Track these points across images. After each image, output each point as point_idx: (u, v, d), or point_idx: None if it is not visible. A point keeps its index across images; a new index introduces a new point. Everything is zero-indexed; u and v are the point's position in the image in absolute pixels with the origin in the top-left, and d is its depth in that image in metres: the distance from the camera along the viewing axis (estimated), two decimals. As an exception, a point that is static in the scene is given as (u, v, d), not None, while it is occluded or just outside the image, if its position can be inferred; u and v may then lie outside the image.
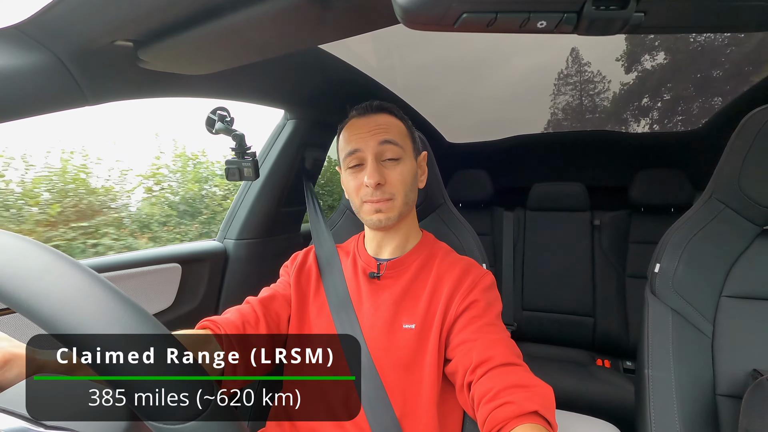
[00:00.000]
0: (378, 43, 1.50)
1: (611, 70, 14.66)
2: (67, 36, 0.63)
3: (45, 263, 0.32)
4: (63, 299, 0.30)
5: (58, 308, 0.30)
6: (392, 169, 0.75)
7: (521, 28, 0.35)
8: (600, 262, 1.99)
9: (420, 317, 0.72)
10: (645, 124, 12.60)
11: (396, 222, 0.76)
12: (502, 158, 2.57)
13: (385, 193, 0.74)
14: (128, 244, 1.77)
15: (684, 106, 11.65)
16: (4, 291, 0.30)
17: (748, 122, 0.81)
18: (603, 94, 16.32)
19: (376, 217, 0.75)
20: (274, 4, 0.55)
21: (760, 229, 0.82)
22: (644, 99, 12.95)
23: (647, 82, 12.64)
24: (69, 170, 1.66)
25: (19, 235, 0.34)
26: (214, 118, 0.94)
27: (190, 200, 2.13)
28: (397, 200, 0.75)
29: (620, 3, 0.32)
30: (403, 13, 0.35)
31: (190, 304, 1.21)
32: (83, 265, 0.33)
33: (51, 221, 1.51)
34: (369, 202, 0.75)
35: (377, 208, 0.74)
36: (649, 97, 12.81)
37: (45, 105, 0.69)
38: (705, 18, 0.35)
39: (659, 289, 0.86)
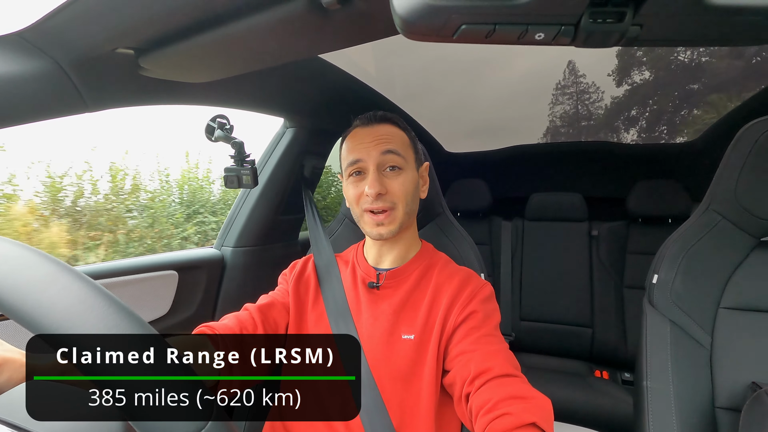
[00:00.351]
0: (377, 52, 1.51)
1: (605, 82, 15.52)
2: (69, 43, 0.64)
3: (41, 270, 0.32)
4: (57, 304, 0.30)
5: (51, 311, 0.30)
6: (394, 179, 0.75)
7: (519, 40, 0.35)
8: (598, 273, 1.99)
9: (419, 328, 0.72)
10: (634, 132, 13.55)
11: (397, 233, 0.76)
12: (501, 168, 2.58)
13: (386, 202, 0.74)
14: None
15: (666, 117, 12.52)
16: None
17: (744, 134, 0.82)
18: (597, 102, 16.98)
19: (377, 231, 0.75)
20: (275, 14, 0.55)
21: (757, 240, 0.82)
22: (633, 110, 13.77)
23: (635, 95, 13.42)
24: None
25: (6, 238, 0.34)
26: (213, 126, 0.94)
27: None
28: (398, 210, 0.75)
29: (617, 16, 0.33)
30: (402, 24, 0.35)
31: (187, 312, 1.20)
32: (74, 269, 0.33)
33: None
34: (369, 212, 0.75)
35: (378, 221, 0.74)
36: (637, 108, 13.65)
37: (45, 111, 0.70)
38: (700, 32, 0.35)
39: (657, 300, 0.86)
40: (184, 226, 2.14)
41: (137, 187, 2.07)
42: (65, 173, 1.81)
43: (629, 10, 0.32)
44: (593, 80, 16.84)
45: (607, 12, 0.33)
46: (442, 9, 0.32)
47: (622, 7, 0.32)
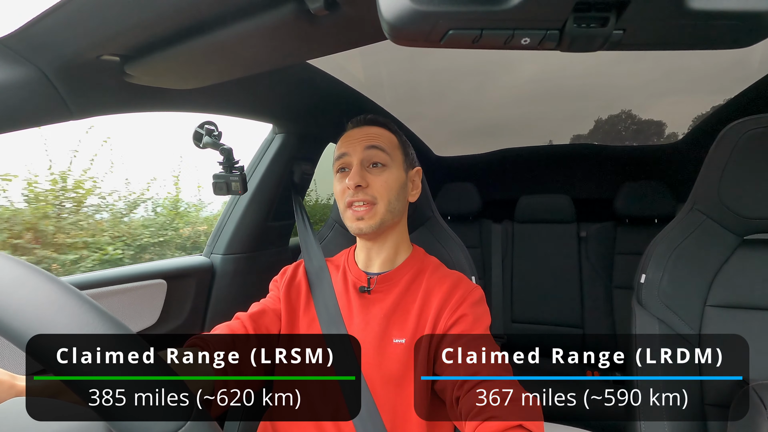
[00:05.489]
0: (366, 58, 1.51)
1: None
2: (53, 50, 0.63)
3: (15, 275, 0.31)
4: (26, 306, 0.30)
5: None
6: (377, 175, 0.76)
7: (506, 45, 0.35)
8: (587, 274, 2.01)
9: (410, 332, 0.72)
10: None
11: (378, 230, 0.76)
12: (490, 171, 2.60)
13: (367, 195, 0.75)
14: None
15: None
16: None
17: (725, 135, 0.83)
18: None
19: (357, 225, 0.76)
20: (263, 20, 0.55)
21: (741, 239, 0.84)
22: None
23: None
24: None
25: None
26: (201, 132, 0.93)
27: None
28: (379, 206, 0.75)
29: (601, 21, 0.33)
30: (390, 30, 0.35)
31: (176, 321, 1.18)
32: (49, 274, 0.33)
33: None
34: (351, 207, 0.76)
35: (359, 215, 0.75)
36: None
37: (29, 119, 0.68)
38: (681, 36, 0.36)
39: (645, 300, 0.87)
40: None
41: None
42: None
43: (612, 15, 0.33)
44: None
45: (591, 17, 0.33)
46: (429, 15, 0.33)
47: (606, 12, 0.33)
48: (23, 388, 0.43)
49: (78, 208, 1.73)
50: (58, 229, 1.61)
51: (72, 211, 1.71)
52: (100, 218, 1.84)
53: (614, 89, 2.10)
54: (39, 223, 1.54)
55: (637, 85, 2.06)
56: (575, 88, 2.10)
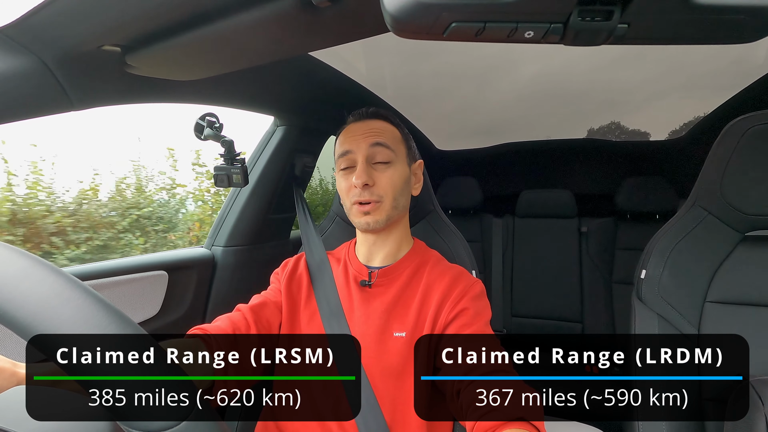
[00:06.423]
0: (368, 50, 1.50)
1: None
2: (53, 40, 0.63)
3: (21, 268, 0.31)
4: (41, 302, 0.30)
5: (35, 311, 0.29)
6: (382, 172, 0.76)
7: (509, 38, 0.35)
8: (588, 269, 2.01)
9: (410, 326, 0.72)
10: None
11: (384, 226, 0.77)
12: (491, 165, 2.59)
13: (373, 195, 0.74)
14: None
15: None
16: None
17: (729, 131, 0.83)
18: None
19: (364, 220, 0.75)
20: (264, 11, 0.55)
21: (742, 235, 0.84)
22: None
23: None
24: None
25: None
26: (203, 124, 0.93)
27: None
28: (385, 203, 0.75)
29: (605, 15, 0.33)
30: (393, 22, 0.35)
31: (177, 313, 1.19)
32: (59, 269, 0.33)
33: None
34: (357, 204, 0.75)
35: (365, 211, 0.75)
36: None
37: (29, 110, 0.68)
38: (686, 30, 0.36)
39: (645, 295, 0.87)
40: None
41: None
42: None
43: (617, 9, 0.33)
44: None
45: (596, 10, 0.33)
46: (432, 7, 0.32)
47: (610, 6, 0.33)
48: (24, 375, 0.43)
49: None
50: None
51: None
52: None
53: (615, 89, 2.09)
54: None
55: (637, 85, 2.04)
56: (575, 88, 2.08)
